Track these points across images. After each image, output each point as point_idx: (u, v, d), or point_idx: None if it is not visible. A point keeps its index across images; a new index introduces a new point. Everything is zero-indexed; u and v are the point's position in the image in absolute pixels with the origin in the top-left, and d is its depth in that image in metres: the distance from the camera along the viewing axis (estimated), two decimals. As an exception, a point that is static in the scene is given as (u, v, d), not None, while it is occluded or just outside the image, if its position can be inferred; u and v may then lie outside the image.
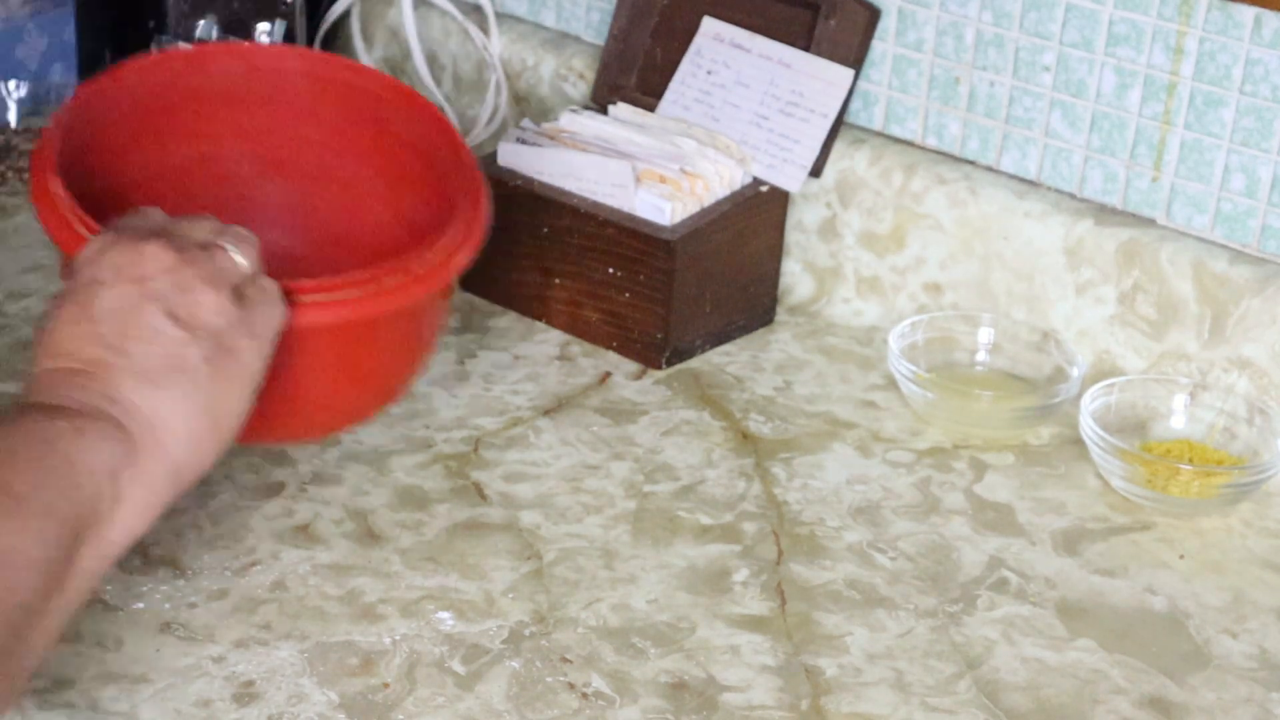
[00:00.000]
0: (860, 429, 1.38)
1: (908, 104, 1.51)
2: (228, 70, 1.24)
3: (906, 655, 1.15)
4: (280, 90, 1.25)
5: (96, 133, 1.18)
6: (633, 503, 1.28)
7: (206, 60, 1.25)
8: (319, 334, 1.09)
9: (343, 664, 1.11)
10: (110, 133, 1.20)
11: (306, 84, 1.25)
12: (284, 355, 1.07)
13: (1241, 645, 1.18)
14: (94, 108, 1.19)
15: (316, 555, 1.20)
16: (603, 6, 1.65)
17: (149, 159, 1.15)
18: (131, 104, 1.21)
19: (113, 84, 1.21)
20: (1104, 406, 1.35)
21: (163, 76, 1.23)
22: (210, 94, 1.24)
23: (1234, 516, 1.31)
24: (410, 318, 1.15)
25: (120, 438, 0.98)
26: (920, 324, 1.43)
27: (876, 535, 1.26)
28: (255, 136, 1.25)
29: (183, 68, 1.24)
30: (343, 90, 1.25)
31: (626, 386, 1.42)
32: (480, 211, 1.19)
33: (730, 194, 1.46)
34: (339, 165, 1.27)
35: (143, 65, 1.22)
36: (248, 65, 1.25)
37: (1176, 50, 1.38)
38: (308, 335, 1.08)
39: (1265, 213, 1.37)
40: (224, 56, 1.25)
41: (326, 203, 1.26)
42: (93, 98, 1.20)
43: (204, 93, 1.24)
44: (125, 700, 1.07)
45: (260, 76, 1.25)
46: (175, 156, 1.21)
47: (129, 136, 1.20)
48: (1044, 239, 1.44)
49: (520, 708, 1.09)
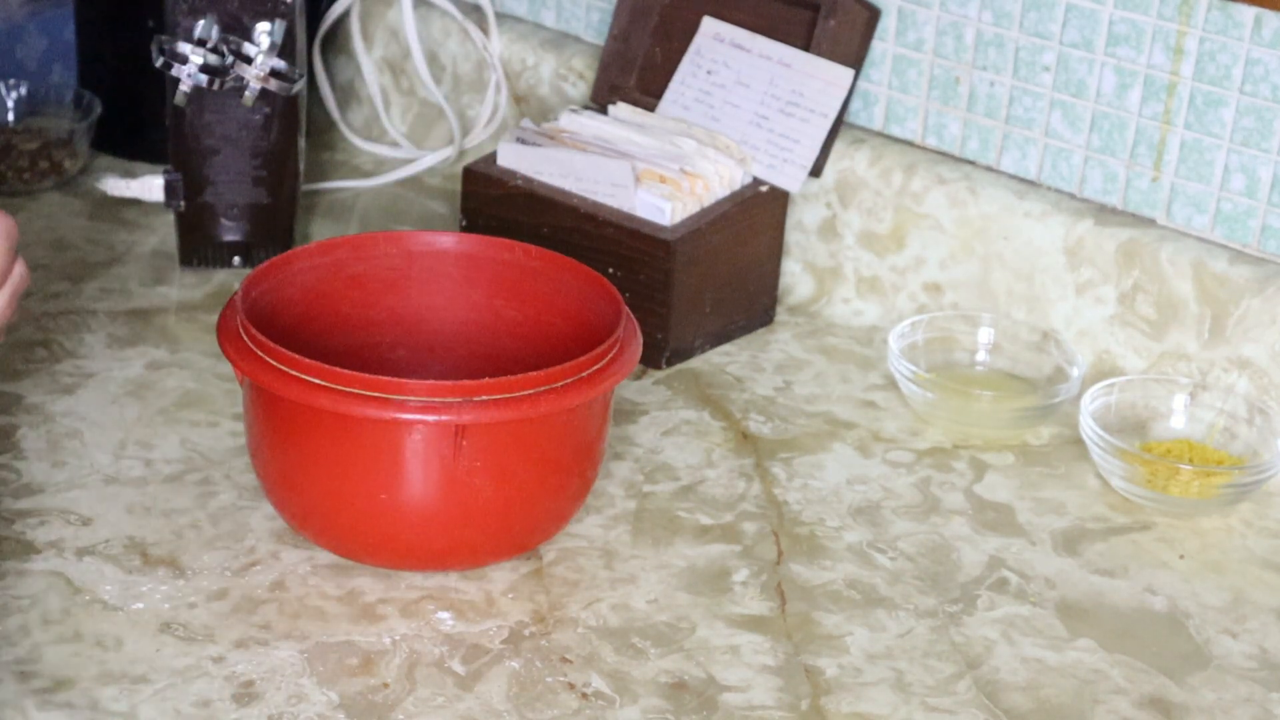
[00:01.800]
0: (860, 429, 1.38)
1: (908, 104, 1.51)
2: (388, 255, 1.29)
3: (906, 655, 1.15)
4: (436, 275, 1.29)
5: (269, 316, 1.22)
6: (633, 503, 1.28)
7: (368, 248, 1.29)
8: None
9: (343, 664, 1.11)
10: (282, 316, 1.24)
11: (460, 265, 1.29)
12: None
13: (1241, 645, 1.18)
14: (267, 291, 1.23)
15: (316, 555, 1.20)
16: (603, 6, 1.65)
17: (309, 347, 1.19)
18: (300, 291, 1.25)
19: (285, 266, 1.25)
20: (1104, 406, 1.35)
21: (329, 262, 1.27)
22: (372, 281, 1.29)
23: (1234, 516, 1.31)
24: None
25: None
26: (920, 324, 1.43)
27: (876, 535, 1.26)
28: (411, 324, 1.30)
29: (347, 256, 1.28)
30: (494, 267, 1.29)
31: (626, 386, 1.42)
32: (631, 349, 1.21)
33: (730, 194, 1.46)
34: (490, 340, 1.30)
35: (311, 251, 1.26)
36: (404, 251, 1.29)
37: (1176, 50, 1.38)
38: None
39: (1265, 213, 1.37)
40: (384, 243, 1.29)
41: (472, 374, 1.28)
42: (267, 279, 1.23)
43: (366, 280, 1.28)
44: (125, 700, 1.07)
45: (417, 261, 1.29)
46: (335, 343, 1.26)
47: (297, 320, 1.24)
48: (1044, 239, 1.44)
49: (520, 708, 1.09)
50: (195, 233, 1.53)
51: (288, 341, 1.16)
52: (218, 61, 1.47)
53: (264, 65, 1.47)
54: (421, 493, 1.14)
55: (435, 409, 1.11)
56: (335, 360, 1.15)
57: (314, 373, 1.12)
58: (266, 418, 1.17)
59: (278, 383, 1.13)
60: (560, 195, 1.46)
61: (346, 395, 1.11)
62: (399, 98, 1.76)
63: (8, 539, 1.20)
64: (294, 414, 1.14)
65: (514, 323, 1.29)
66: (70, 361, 1.39)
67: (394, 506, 1.15)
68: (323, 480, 1.15)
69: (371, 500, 1.14)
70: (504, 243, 1.29)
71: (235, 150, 1.51)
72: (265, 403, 1.16)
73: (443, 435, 1.12)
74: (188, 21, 1.47)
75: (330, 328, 1.27)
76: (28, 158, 1.62)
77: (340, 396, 1.11)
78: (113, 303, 1.47)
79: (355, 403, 1.11)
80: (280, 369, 1.13)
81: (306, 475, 1.16)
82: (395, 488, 1.14)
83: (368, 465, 1.14)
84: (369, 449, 1.13)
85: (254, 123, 1.51)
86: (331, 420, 1.13)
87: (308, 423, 1.14)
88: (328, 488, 1.15)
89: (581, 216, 1.44)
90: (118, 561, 1.18)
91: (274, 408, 1.16)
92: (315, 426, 1.14)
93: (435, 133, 1.75)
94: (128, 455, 1.29)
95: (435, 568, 1.19)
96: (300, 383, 1.12)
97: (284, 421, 1.16)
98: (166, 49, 1.47)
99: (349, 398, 1.11)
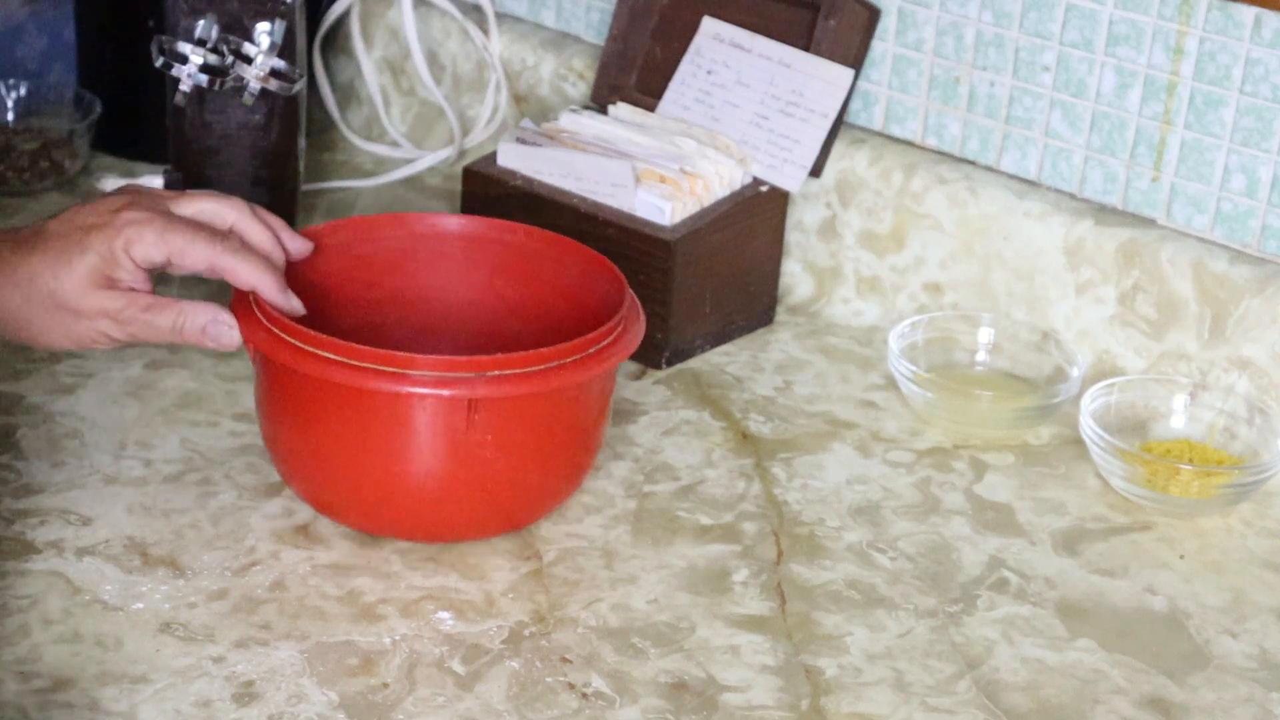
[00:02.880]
0: (860, 429, 1.38)
1: (908, 104, 1.51)
2: (393, 237, 1.31)
3: (906, 655, 1.15)
4: (439, 256, 1.31)
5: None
6: (633, 503, 1.28)
7: (374, 229, 1.31)
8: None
9: (343, 664, 1.11)
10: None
11: (462, 247, 1.31)
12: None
13: (1241, 645, 1.18)
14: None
15: (316, 555, 1.20)
16: (603, 6, 1.65)
17: (317, 326, 1.20)
18: (308, 270, 1.26)
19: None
20: (1104, 406, 1.35)
21: (335, 244, 1.29)
22: (379, 262, 1.30)
23: (1234, 516, 1.31)
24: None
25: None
26: (920, 324, 1.43)
27: (876, 535, 1.26)
28: (415, 304, 1.31)
29: (352, 237, 1.29)
30: (496, 248, 1.31)
31: (626, 386, 1.42)
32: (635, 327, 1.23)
33: (730, 194, 1.46)
34: (491, 320, 1.31)
35: (320, 232, 1.28)
36: (409, 233, 1.31)
37: (1176, 50, 1.38)
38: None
39: (1265, 213, 1.37)
40: (388, 225, 1.31)
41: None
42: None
43: (374, 260, 1.30)
44: (125, 700, 1.07)
45: (421, 243, 1.31)
46: (343, 324, 1.26)
47: (306, 301, 1.24)
48: (1044, 239, 1.44)
49: (520, 708, 1.09)
50: (195, 233, 1.53)
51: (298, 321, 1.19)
52: (218, 61, 1.47)
53: (264, 65, 1.47)
54: (432, 466, 1.17)
55: (449, 384, 1.14)
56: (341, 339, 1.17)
57: (330, 348, 1.14)
58: (282, 394, 1.19)
59: (295, 359, 1.15)
60: (560, 195, 1.46)
61: (362, 370, 1.14)
62: (399, 98, 1.76)
63: (8, 539, 1.20)
64: (309, 389, 1.17)
65: (516, 303, 1.31)
66: (70, 361, 1.39)
67: (404, 479, 1.17)
68: (339, 454, 1.17)
69: (384, 473, 1.17)
70: (507, 224, 1.31)
71: (235, 150, 1.51)
72: (280, 380, 1.19)
73: (455, 409, 1.15)
74: (188, 21, 1.47)
75: (336, 307, 1.28)
76: (28, 158, 1.62)
77: (356, 371, 1.14)
78: (113, 303, 1.47)
79: (369, 377, 1.14)
80: (300, 346, 1.15)
81: (321, 450, 1.18)
82: (407, 460, 1.17)
83: (381, 439, 1.16)
84: (383, 423, 1.16)
85: (254, 123, 1.51)
86: (346, 395, 1.15)
87: (324, 398, 1.16)
88: (342, 461, 1.18)
89: (581, 216, 1.44)
90: (118, 561, 1.18)
91: (289, 384, 1.18)
92: (330, 401, 1.16)
93: (435, 133, 1.75)
94: (128, 455, 1.29)
95: (437, 539, 1.21)
96: (317, 358, 1.15)
97: (300, 398, 1.18)
98: (166, 49, 1.47)
99: (365, 372, 1.14)
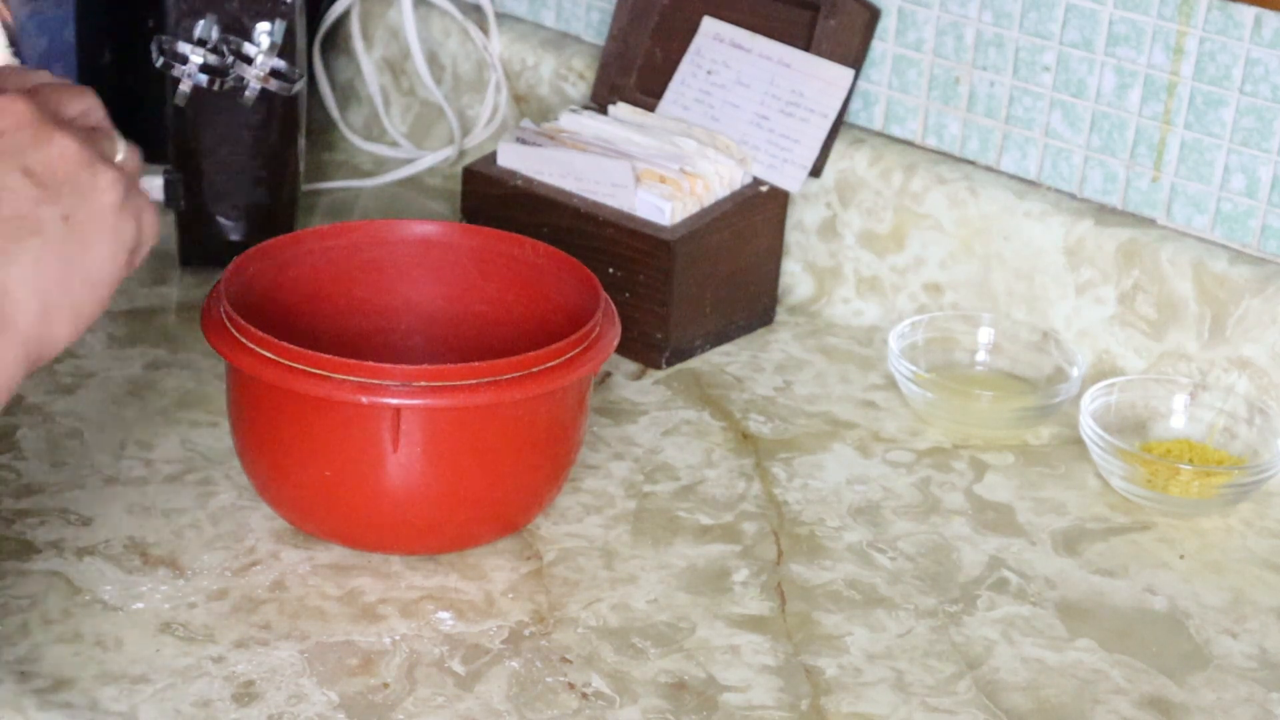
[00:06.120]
0: (860, 429, 1.38)
1: (908, 104, 1.51)
2: (406, 242, 1.30)
3: (906, 655, 1.15)
4: (452, 265, 1.31)
5: (268, 292, 1.23)
6: (633, 503, 1.28)
7: (386, 232, 1.30)
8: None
9: (343, 664, 1.11)
10: (284, 293, 1.25)
11: (474, 259, 1.31)
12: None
13: (1241, 645, 1.18)
14: (267, 267, 1.24)
15: (316, 555, 1.20)
16: (603, 6, 1.65)
17: (322, 325, 1.19)
18: (310, 270, 1.26)
19: (292, 245, 1.27)
20: (1104, 406, 1.35)
21: (346, 244, 1.29)
22: (390, 267, 1.30)
23: (1234, 516, 1.31)
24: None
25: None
26: (920, 324, 1.43)
27: (876, 535, 1.26)
28: (426, 311, 1.31)
29: (364, 239, 1.29)
30: (505, 262, 1.30)
31: (626, 386, 1.42)
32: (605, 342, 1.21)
33: (730, 194, 1.46)
34: (495, 334, 1.30)
35: (324, 232, 1.28)
36: (423, 241, 1.30)
37: (1176, 50, 1.38)
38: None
39: (1265, 213, 1.37)
40: (401, 230, 1.30)
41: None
42: (266, 256, 1.25)
43: (384, 264, 1.30)
44: (125, 700, 1.07)
45: (434, 252, 1.30)
46: (352, 327, 1.27)
47: (303, 299, 1.25)
48: (1044, 239, 1.44)
49: (520, 708, 1.09)
50: (195, 232, 1.53)
51: (277, 329, 1.18)
52: (218, 61, 1.47)
53: (264, 65, 1.47)
54: (360, 476, 1.16)
55: (369, 390, 1.12)
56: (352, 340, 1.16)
57: (263, 345, 1.14)
58: (244, 400, 1.19)
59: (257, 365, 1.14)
60: (560, 195, 1.46)
61: (292, 370, 1.13)
62: (399, 98, 1.76)
63: (8, 539, 1.20)
64: (267, 393, 1.16)
65: (496, 309, 1.30)
66: (70, 361, 1.39)
67: (332, 486, 1.16)
68: (281, 455, 1.17)
69: (312, 478, 1.16)
70: (471, 229, 1.31)
71: (235, 150, 1.51)
72: (242, 384, 1.18)
73: (379, 418, 1.13)
74: (188, 21, 1.47)
75: (313, 314, 1.27)
76: (28, 158, 1.62)
77: (306, 376, 1.13)
78: (112, 302, 1.47)
79: (297, 379, 1.13)
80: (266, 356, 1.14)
81: (265, 450, 1.18)
82: (338, 468, 1.16)
83: (303, 442, 1.15)
84: (306, 426, 1.15)
85: (254, 123, 1.51)
86: (283, 396, 1.15)
87: (278, 401, 1.16)
88: (281, 462, 1.17)
89: (581, 216, 1.44)
90: (118, 561, 1.18)
91: (249, 389, 1.18)
92: (278, 403, 1.16)
93: (435, 133, 1.75)
94: (128, 455, 1.29)
95: (379, 550, 1.21)
96: (252, 355, 1.14)
97: (261, 403, 1.18)
98: (166, 49, 1.47)
99: (292, 373, 1.13)
